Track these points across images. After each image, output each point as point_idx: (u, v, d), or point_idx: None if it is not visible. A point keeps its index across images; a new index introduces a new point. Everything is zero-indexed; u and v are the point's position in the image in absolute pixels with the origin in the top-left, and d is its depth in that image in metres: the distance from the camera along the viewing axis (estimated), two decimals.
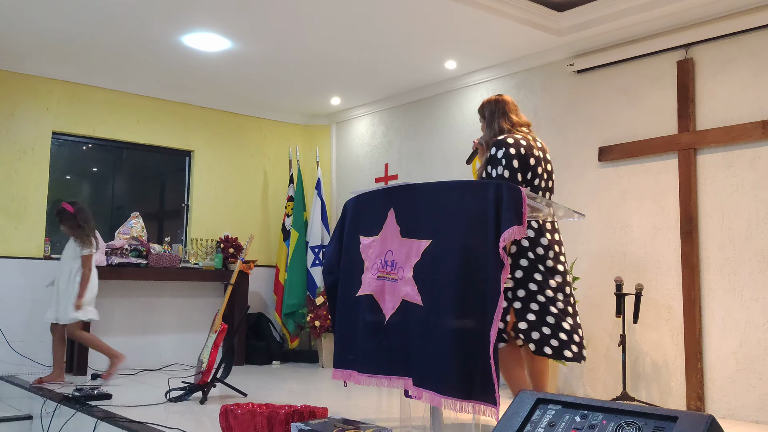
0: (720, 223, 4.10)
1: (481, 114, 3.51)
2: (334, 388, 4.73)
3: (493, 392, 2.43)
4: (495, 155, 3.24)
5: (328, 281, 3.19)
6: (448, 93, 5.85)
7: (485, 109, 3.48)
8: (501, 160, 3.22)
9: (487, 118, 3.46)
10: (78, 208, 4.80)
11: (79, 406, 3.78)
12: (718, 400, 4.02)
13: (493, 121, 3.43)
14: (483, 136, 3.46)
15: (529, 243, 3.18)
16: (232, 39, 4.89)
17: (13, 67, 5.43)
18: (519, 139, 3.28)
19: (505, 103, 3.45)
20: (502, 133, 3.36)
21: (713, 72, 4.21)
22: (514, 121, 3.42)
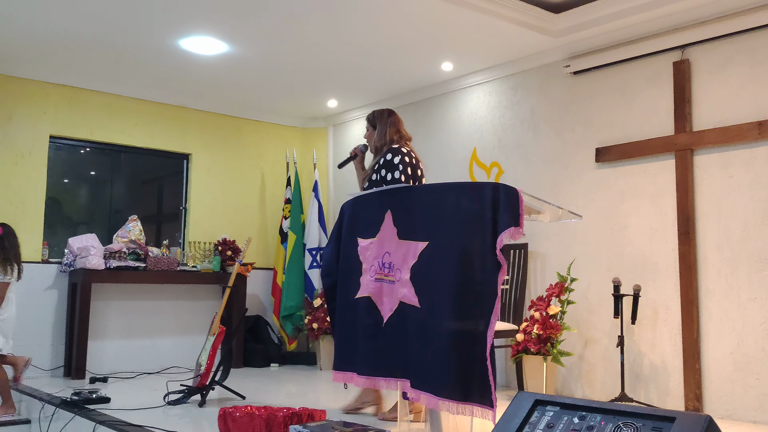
0: (717, 224, 4.11)
1: (371, 122, 3.90)
2: (332, 391, 4.73)
3: (490, 394, 2.43)
4: (392, 161, 3.66)
5: (327, 283, 3.20)
6: (445, 95, 5.86)
7: (377, 119, 3.88)
8: (398, 165, 3.64)
9: (379, 127, 3.84)
10: (7, 231, 4.44)
11: (77, 410, 3.78)
12: (716, 401, 4.03)
13: (385, 130, 3.82)
14: (372, 143, 3.85)
15: None
16: (229, 42, 4.90)
17: (10, 71, 5.42)
18: (409, 151, 3.76)
19: (396, 117, 3.88)
20: (393, 142, 3.77)
21: (709, 73, 4.22)
22: (403, 134, 3.84)
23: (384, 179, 3.65)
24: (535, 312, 4.48)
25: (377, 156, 3.80)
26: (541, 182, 5.04)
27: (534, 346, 4.34)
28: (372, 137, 3.87)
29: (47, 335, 5.43)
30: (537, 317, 4.43)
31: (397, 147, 3.74)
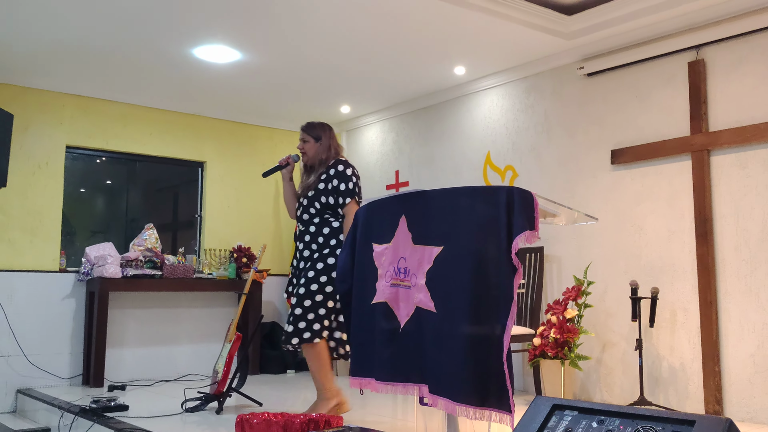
0: (735, 225, 4.07)
1: (313, 134, 3.98)
2: (348, 397, 4.73)
3: (508, 399, 2.41)
4: (344, 172, 3.82)
5: (342, 289, 3.19)
6: (458, 99, 5.85)
7: (318, 131, 3.98)
8: (351, 177, 3.83)
9: (323, 140, 3.96)
10: None
11: (96, 418, 3.80)
12: (736, 403, 3.98)
13: (329, 144, 3.96)
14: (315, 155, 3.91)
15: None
16: (242, 50, 4.93)
17: (26, 83, 5.49)
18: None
19: (333, 131, 4.04)
20: (338, 155, 3.94)
21: (725, 72, 4.18)
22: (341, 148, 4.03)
23: (337, 189, 3.80)
24: (552, 316, 4.45)
25: (321, 168, 3.89)
26: (556, 185, 5.02)
27: (551, 351, 4.31)
28: (314, 149, 3.94)
29: (65, 344, 5.47)
30: (554, 321, 4.40)
31: (346, 160, 3.92)
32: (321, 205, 3.82)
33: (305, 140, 3.98)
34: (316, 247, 3.79)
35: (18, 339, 5.23)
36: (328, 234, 3.79)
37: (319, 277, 3.73)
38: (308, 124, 4.03)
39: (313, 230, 3.81)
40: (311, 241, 3.81)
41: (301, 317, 3.70)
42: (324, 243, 3.78)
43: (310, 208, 3.84)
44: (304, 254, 3.82)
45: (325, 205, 3.81)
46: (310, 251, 3.80)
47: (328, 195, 3.81)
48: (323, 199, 3.82)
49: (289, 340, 3.72)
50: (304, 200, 3.88)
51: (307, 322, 3.70)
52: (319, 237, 3.79)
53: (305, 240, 3.83)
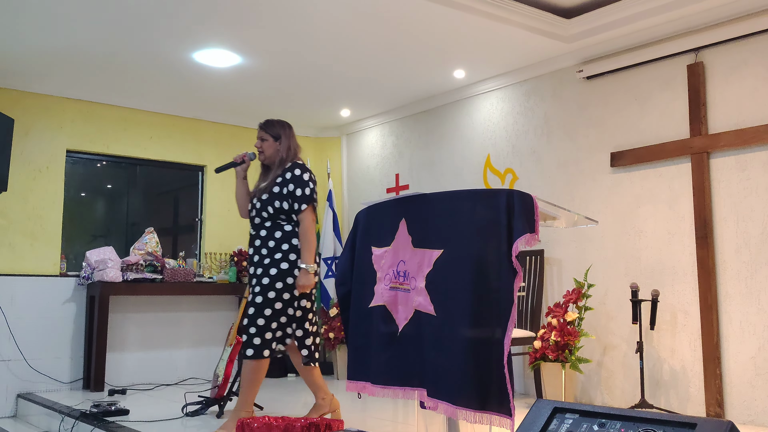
0: (735, 227, 4.07)
1: (272, 133, 3.82)
2: (349, 401, 4.72)
3: (508, 402, 2.41)
4: (301, 176, 3.69)
5: (341, 292, 3.19)
6: (458, 102, 5.86)
7: (278, 129, 3.83)
8: (308, 182, 3.70)
9: (284, 140, 3.81)
10: None
11: (96, 422, 3.80)
12: (737, 406, 3.97)
13: (289, 144, 3.82)
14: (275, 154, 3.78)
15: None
16: (242, 54, 4.93)
17: (26, 87, 5.50)
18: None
19: (293, 130, 3.89)
20: (297, 157, 3.81)
21: (724, 75, 4.18)
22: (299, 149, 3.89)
23: (293, 194, 3.67)
24: (552, 319, 4.45)
25: (278, 169, 3.75)
26: (556, 188, 5.02)
27: (552, 353, 4.31)
28: (272, 148, 3.79)
29: (66, 348, 5.47)
30: (554, 324, 4.40)
31: (303, 164, 3.79)
32: (275, 210, 3.67)
33: (263, 138, 3.81)
34: (267, 251, 3.64)
35: (18, 343, 5.23)
36: (280, 238, 3.65)
37: (274, 283, 3.59)
38: (267, 121, 3.86)
39: (264, 234, 3.68)
40: (262, 245, 3.67)
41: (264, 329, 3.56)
42: (275, 247, 3.64)
43: (263, 211, 3.69)
44: (254, 259, 3.68)
45: (279, 209, 3.67)
46: (260, 256, 3.66)
47: (283, 200, 3.67)
48: (277, 203, 3.67)
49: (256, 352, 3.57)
50: (258, 202, 3.73)
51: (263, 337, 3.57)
52: (270, 241, 3.65)
53: (256, 244, 3.69)
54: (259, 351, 3.54)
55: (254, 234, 3.74)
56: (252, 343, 3.55)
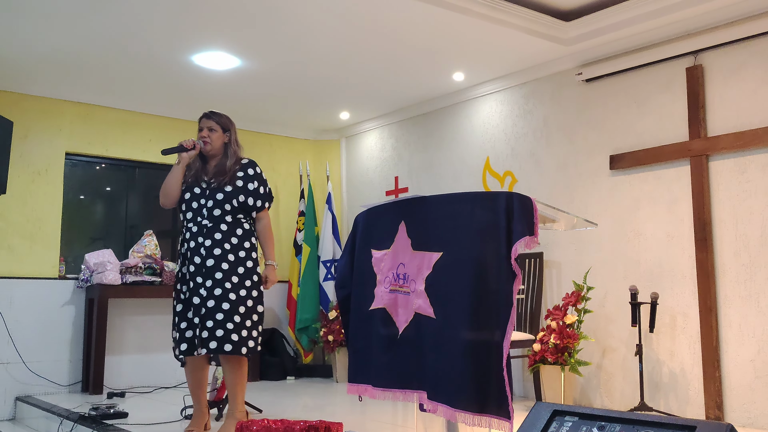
0: (734, 230, 4.07)
1: (221, 124, 3.79)
2: (349, 403, 4.72)
3: (507, 405, 2.41)
4: (261, 175, 3.75)
5: (341, 295, 3.19)
6: (457, 105, 5.86)
7: (227, 122, 3.83)
8: (266, 181, 3.76)
9: (231, 133, 3.80)
10: None
11: (95, 425, 3.80)
12: (737, 409, 3.97)
13: (235, 138, 3.81)
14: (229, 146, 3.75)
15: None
16: (241, 57, 4.94)
17: (25, 90, 5.50)
18: None
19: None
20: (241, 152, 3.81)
21: (723, 78, 4.19)
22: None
23: (257, 191, 3.68)
24: (551, 321, 4.45)
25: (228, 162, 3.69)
26: (555, 191, 5.02)
27: (551, 356, 4.31)
28: (220, 140, 3.74)
29: (65, 351, 5.46)
30: (554, 327, 4.39)
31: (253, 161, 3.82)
32: (238, 204, 3.61)
33: (213, 129, 3.72)
34: (230, 247, 3.56)
35: (17, 346, 5.22)
36: (242, 235, 3.62)
37: (244, 281, 3.57)
38: (214, 112, 3.81)
39: (225, 229, 3.58)
40: (223, 240, 3.56)
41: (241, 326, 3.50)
42: (238, 245, 3.60)
43: (223, 205, 3.59)
44: (213, 251, 3.54)
45: (243, 204, 3.62)
46: (222, 250, 3.55)
47: (247, 195, 3.63)
48: (242, 198, 3.62)
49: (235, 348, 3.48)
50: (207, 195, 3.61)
51: (248, 332, 3.53)
52: (233, 237, 3.59)
53: (215, 237, 3.56)
54: (254, 347, 3.55)
55: (211, 226, 3.58)
56: (241, 340, 3.48)
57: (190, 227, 3.63)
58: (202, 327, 3.48)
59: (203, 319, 3.48)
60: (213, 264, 3.53)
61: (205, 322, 3.47)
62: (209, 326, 3.46)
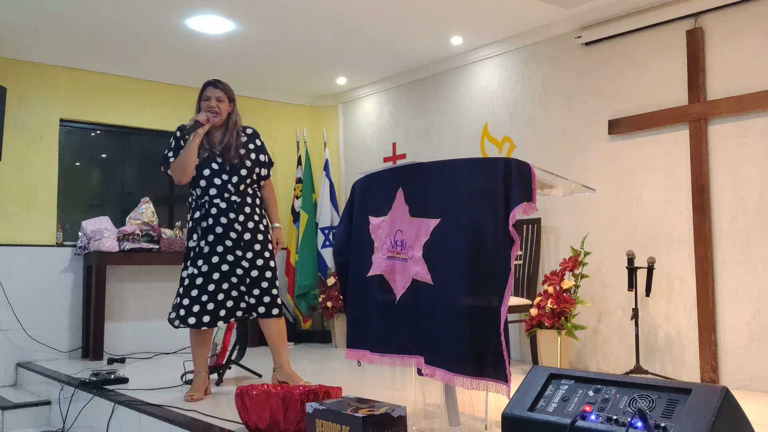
0: (732, 194, 4.07)
1: (229, 95, 3.78)
2: (347, 368, 4.76)
3: (505, 369, 2.43)
4: (263, 142, 3.84)
5: (339, 262, 3.20)
6: (455, 69, 5.81)
7: (231, 93, 3.81)
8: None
9: (235, 103, 3.81)
10: None
11: (96, 391, 3.83)
12: (732, 372, 4.02)
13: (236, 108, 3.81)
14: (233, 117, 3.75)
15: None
16: (235, 21, 4.86)
17: (19, 56, 5.43)
18: None
19: None
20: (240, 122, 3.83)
21: (723, 41, 4.14)
22: None
23: (266, 162, 3.81)
24: (548, 286, 4.47)
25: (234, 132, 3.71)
26: (554, 156, 5.00)
27: (548, 321, 4.34)
28: (227, 110, 3.73)
29: (64, 317, 5.49)
30: (551, 292, 4.42)
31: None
32: (256, 177, 3.75)
33: (220, 99, 3.69)
34: (258, 218, 3.74)
35: (17, 313, 5.24)
36: (259, 205, 3.80)
37: (271, 249, 3.77)
38: (220, 81, 3.76)
39: (249, 202, 3.72)
40: (252, 213, 3.71)
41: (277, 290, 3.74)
42: (261, 214, 3.78)
43: (247, 179, 3.69)
44: (247, 225, 3.67)
45: (259, 176, 3.77)
46: (254, 223, 3.71)
47: (261, 167, 3.77)
48: (257, 170, 3.75)
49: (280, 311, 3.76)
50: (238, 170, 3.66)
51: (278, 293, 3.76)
52: (256, 208, 3.75)
53: (246, 212, 3.68)
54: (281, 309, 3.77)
55: (240, 201, 3.66)
56: (279, 304, 3.74)
57: (217, 203, 3.65)
58: (249, 295, 3.69)
59: (249, 288, 3.68)
60: (250, 238, 3.68)
61: (252, 290, 3.67)
62: (256, 294, 3.68)
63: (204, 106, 3.68)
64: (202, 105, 3.70)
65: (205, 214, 3.66)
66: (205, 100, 3.70)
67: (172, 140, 3.72)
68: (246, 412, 2.84)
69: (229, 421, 3.06)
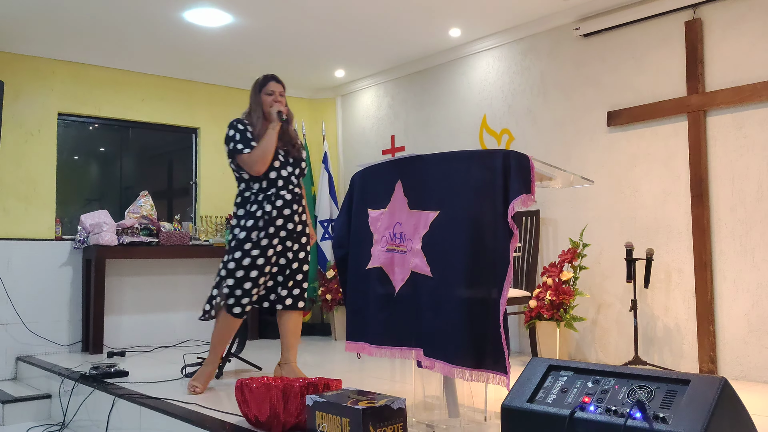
0: (731, 185, 4.07)
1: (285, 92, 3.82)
2: (347, 361, 4.77)
3: (504, 361, 2.44)
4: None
5: (338, 255, 3.20)
6: (454, 61, 5.80)
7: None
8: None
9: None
10: None
11: (96, 384, 3.84)
12: (730, 362, 4.03)
13: None
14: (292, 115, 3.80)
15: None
16: (233, 13, 4.85)
17: (16, 49, 5.41)
18: None
19: None
20: None
21: (722, 32, 4.14)
22: None
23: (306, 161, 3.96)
24: (547, 278, 4.48)
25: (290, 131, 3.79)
26: (552, 148, 5.00)
27: (547, 312, 4.35)
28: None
29: (64, 311, 5.49)
30: (550, 283, 4.43)
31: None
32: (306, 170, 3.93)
33: (282, 94, 3.78)
34: (302, 211, 3.84)
35: (16, 307, 5.25)
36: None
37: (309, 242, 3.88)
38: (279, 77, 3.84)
39: (301, 194, 3.85)
40: (302, 205, 3.83)
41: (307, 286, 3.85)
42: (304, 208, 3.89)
43: (305, 171, 3.88)
44: (302, 218, 3.80)
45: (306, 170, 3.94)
46: (304, 215, 3.83)
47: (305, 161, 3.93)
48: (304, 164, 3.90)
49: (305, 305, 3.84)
50: (299, 163, 3.81)
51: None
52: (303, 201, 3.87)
53: (303, 204, 3.83)
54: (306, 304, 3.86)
55: (297, 193, 3.78)
56: (305, 297, 3.81)
57: (283, 195, 3.71)
58: (282, 286, 3.75)
59: (286, 278, 3.75)
60: (301, 230, 3.77)
61: (288, 282, 3.75)
62: (290, 285, 3.75)
63: (269, 100, 3.71)
64: (264, 99, 3.72)
65: (270, 205, 3.67)
66: (268, 94, 3.72)
67: (236, 133, 3.66)
68: (246, 404, 2.85)
69: (229, 414, 3.07)
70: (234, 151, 3.65)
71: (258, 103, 3.73)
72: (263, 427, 2.79)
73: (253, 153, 3.61)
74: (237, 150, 3.64)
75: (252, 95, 3.78)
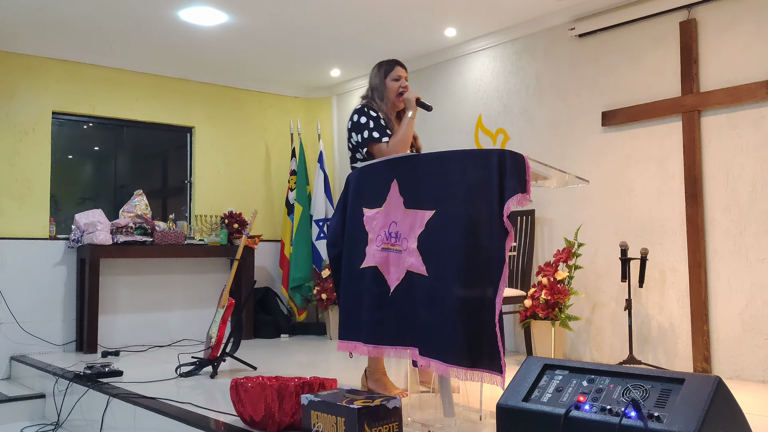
0: (725, 185, 4.09)
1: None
2: (342, 360, 4.77)
3: (499, 360, 2.44)
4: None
5: (333, 254, 3.20)
6: (449, 61, 5.80)
7: None
8: None
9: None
10: None
11: (90, 384, 3.83)
12: (724, 362, 4.04)
13: None
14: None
15: None
16: (228, 12, 4.84)
17: (10, 48, 5.39)
18: None
19: None
20: None
21: (716, 32, 4.15)
22: None
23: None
24: (542, 278, 4.48)
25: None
26: (548, 147, 5.01)
27: (542, 312, 4.36)
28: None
29: (58, 310, 5.48)
30: (545, 283, 4.43)
31: None
32: None
33: (407, 80, 3.55)
34: None
35: (10, 306, 5.23)
36: None
37: None
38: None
39: None
40: None
41: None
42: None
43: None
44: None
45: None
46: None
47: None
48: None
49: None
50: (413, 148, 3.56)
51: None
52: None
53: None
54: None
55: None
56: None
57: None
58: None
59: None
60: None
61: None
62: None
63: (395, 86, 3.50)
64: (390, 85, 3.51)
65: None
66: (395, 79, 3.51)
67: (369, 120, 3.41)
68: (241, 404, 2.84)
69: (223, 413, 3.07)
70: (370, 140, 3.37)
71: (383, 88, 3.51)
72: (258, 427, 2.79)
73: (393, 143, 3.36)
74: (373, 139, 3.37)
75: (375, 80, 3.54)
